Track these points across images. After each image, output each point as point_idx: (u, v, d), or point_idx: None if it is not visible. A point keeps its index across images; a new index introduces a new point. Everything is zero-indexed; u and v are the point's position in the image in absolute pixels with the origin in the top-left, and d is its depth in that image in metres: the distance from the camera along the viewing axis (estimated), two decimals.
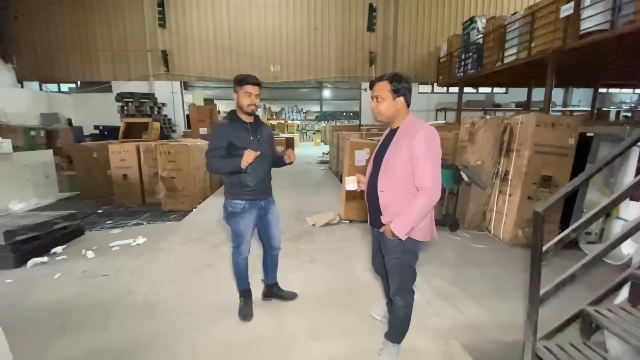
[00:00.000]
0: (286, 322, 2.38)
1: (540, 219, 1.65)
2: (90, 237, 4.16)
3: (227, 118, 2.29)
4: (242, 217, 2.29)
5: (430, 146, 1.65)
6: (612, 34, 5.04)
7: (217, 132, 2.22)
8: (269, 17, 12.63)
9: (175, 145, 5.48)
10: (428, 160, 1.64)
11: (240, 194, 2.25)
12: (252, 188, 2.25)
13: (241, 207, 2.26)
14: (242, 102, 2.19)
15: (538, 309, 1.72)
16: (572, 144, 3.78)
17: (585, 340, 1.82)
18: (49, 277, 3.08)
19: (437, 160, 1.68)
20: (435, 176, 1.65)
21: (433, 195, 1.66)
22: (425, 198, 1.65)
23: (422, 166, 1.64)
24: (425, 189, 1.65)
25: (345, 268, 3.23)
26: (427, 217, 1.76)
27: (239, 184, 2.24)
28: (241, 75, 2.20)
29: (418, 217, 1.67)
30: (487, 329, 2.25)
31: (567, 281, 1.74)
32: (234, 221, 2.31)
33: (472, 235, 4.17)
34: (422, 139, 1.65)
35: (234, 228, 2.33)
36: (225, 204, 2.33)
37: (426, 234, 1.80)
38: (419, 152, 1.64)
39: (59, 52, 12.22)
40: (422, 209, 1.66)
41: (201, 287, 2.86)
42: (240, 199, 2.26)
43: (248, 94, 2.17)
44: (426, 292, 2.73)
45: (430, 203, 1.67)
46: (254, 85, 2.17)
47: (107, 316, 2.44)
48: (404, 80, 1.74)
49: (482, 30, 8.98)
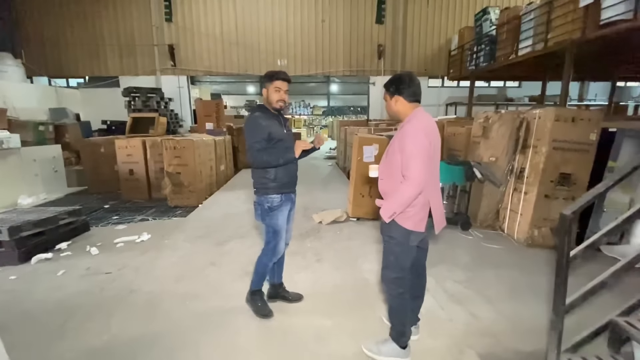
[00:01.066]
0: (292, 323, 2.29)
1: (569, 222, 1.52)
2: (95, 233, 4.14)
3: (259, 111, 2.24)
4: (281, 211, 2.28)
5: (414, 138, 1.73)
6: (636, 23, 4.78)
7: (257, 125, 2.17)
8: (276, 10, 12.44)
9: (181, 141, 5.42)
10: (412, 151, 1.72)
11: (275, 187, 2.24)
12: (286, 180, 2.27)
13: (279, 201, 2.26)
14: (272, 97, 2.20)
15: (563, 319, 1.60)
16: (594, 140, 3.59)
17: (613, 353, 1.69)
18: (53, 273, 3.05)
19: (422, 152, 1.72)
20: (418, 167, 1.71)
21: (415, 185, 1.71)
22: (408, 187, 1.72)
23: (407, 156, 1.73)
24: (407, 178, 1.73)
25: (353, 268, 3.12)
26: (419, 207, 1.80)
27: (275, 178, 2.22)
28: (271, 71, 2.23)
29: (400, 204, 1.75)
30: (504, 337, 2.13)
31: (597, 289, 1.61)
32: (273, 216, 2.26)
33: (485, 234, 4.02)
34: (407, 131, 1.77)
35: (274, 224, 2.28)
36: (259, 201, 2.27)
37: (417, 225, 1.82)
38: (404, 143, 1.75)
39: (68, 48, 12.27)
40: (403, 196, 1.73)
41: (205, 286, 2.79)
42: (277, 193, 2.25)
43: (277, 89, 2.19)
44: (439, 296, 2.61)
45: (413, 192, 1.72)
46: (283, 81, 2.21)
47: (109, 316, 2.39)
48: (395, 81, 1.87)
49: (495, 21, 8.68)
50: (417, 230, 1.82)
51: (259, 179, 2.25)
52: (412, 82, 1.84)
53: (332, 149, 12.45)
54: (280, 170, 2.22)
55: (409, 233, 1.81)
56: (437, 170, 1.91)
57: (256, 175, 2.26)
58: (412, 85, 1.83)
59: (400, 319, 1.92)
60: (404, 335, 1.93)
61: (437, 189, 1.92)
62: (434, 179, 1.86)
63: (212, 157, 6.51)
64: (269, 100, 2.22)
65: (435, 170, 1.89)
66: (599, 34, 5.33)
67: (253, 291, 2.44)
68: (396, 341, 1.92)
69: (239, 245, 3.68)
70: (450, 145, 5.17)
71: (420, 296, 2.11)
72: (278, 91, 2.19)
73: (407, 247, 1.85)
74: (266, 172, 2.21)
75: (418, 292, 2.09)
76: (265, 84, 2.22)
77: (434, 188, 1.86)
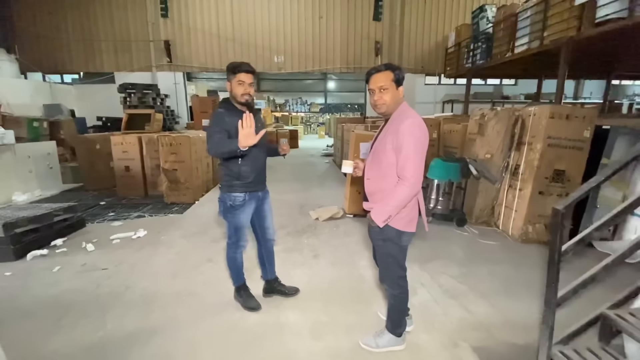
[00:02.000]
0: (288, 319, 2.30)
1: (560, 217, 1.54)
2: (91, 230, 4.12)
3: (222, 107, 2.13)
4: (243, 210, 2.22)
5: (413, 137, 1.64)
6: (631, 22, 4.81)
7: (215, 122, 2.07)
8: (273, 6, 12.37)
9: (177, 137, 5.39)
10: (410, 151, 1.64)
11: (239, 186, 2.17)
12: (251, 179, 2.19)
13: (241, 200, 2.19)
14: (236, 91, 2.07)
15: (555, 313, 1.62)
16: (588, 137, 3.62)
17: (604, 345, 1.72)
18: (48, 270, 3.04)
19: (420, 151, 1.67)
20: (416, 167, 1.65)
21: (413, 186, 1.65)
22: (405, 188, 1.65)
23: (405, 156, 1.65)
24: (405, 178, 1.65)
25: (350, 264, 3.14)
26: (410, 207, 1.76)
27: (239, 176, 2.15)
28: (234, 63, 2.07)
29: (396, 206, 1.68)
30: (497, 330, 2.16)
31: (587, 283, 1.63)
32: (234, 215, 2.22)
33: (480, 230, 4.05)
34: (406, 129, 1.65)
35: (234, 222, 2.24)
36: (222, 198, 2.23)
37: (408, 225, 1.78)
38: (402, 142, 1.65)
39: (62, 43, 12.12)
40: (401, 198, 1.66)
41: (201, 282, 2.79)
42: (240, 192, 2.18)
43: (241, 82, 2.05)
44: (433, 291, 2.63)
45: (410, 193, 1.66)
46: (247, 73, 2.05)
47: (105, 312, 2.39)
48: (402, 73, 1.75)
49: (492, 19, 8.69)
50: (409, 231, 1.80)
51: (224, 175, 2.19)
52: None
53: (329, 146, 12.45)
54: (245, 167, 2.14)
55: (401, 234, 1.78)
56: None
57: (221, 171, 2.21)
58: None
59: (401, 314, 1.98)
60: (401, 326, 1.98)
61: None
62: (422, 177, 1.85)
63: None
64: (233, 95, 2.10)
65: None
66: (595, 32, 5.36)
67: (236, 288, 2.47)
68: (393, 332, 1.98)
69: None
70: (447, 143, 5.19)
71: None
72: (242, 84, 2.05)
73: (400, 247, 1.83)
74: (230, 169, 2.14)
75: None
76: (228, 77, 2.08)
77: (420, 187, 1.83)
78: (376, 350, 1.97)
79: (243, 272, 2.46)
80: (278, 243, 3.60)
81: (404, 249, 1.86)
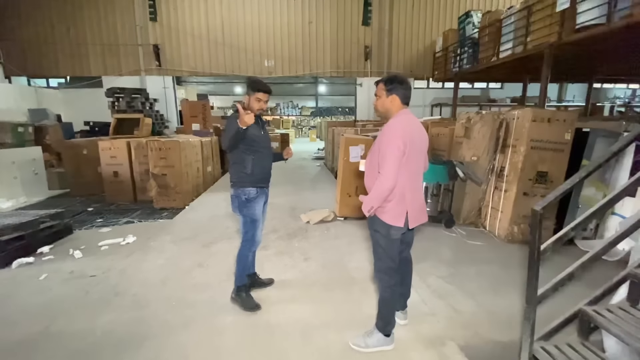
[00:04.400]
0: (279, 321, 2.32)
1: (539, 217, 1.61)
2: (78, 236, 4.06)
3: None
4: (257, 202, 2.42)
5: (390, 138, 1.86)
6: (609, 28, 5.01)
7: (230, 123, 2.29)
8: (263, 11, 12.41)
9: (167, 142, 5.37)
10: (387, 152, 1.85)
11: (251, 181, 2.38)
12: (261, 176, 2.42)
13: (255, 193, 2.40)
14: (253, 105, 2.35)
15: (536, 310, 1.68)
16: (569, 140, 3.75)
17: (583, 341, 1.79)
18: (35, 278, 2.99)
19: (394, 151, 1.83)
20: (389, 165, 1.83)
21: (387, 180, 1.84)
22: (380, 182, 1.87)
23: (382, 155, 1.87)
24: (381, 174, 1.87)
25: (340, 266, 3.17)
26: (396, 202, 1.90)
27: (251, 173, 2.36)
28: (255, 81, 2.39)
29: (375, 198, 1.88)
30: (483, 329, 2.22)
31: (565, 280, 1.70)
32: (250, 207, 2.40)
33: (468, 231, 4.14)
34: (386, 134, 1.90)
35: (251, 214, 2.41)
36: (236, 194, 2.40)
37: (395, 219, 1.91)
38: (381, 142, 1.90)
39: (48, 47, 11.91)
40: (379, 191, 1.87)
41: (192, 287, 2.79)
42: (252, 186, 2.39)
43: (259, 99, 2.35)
44: (422, 291, 2.69)
45: (384, 186, 1.85)
46: (265, 93, 2.36)
47: (94, 319, 2.36)
48: (396, 81, 1.97)
49: (477, 24, 8.91)
50: (396, 225, 1.91)
51: (237, 173, 2.40)
52: (408, 85, 1.98)
53: (320, 150, 12.50)
54: (256, 165, 2.37)
55: (389, 227, 1.92)
56: (417, 169, 1.97)
57: (234, 169, 2.41)
58: (408, 88, 1.98)
59: (390, 308, 2.05)
60: (390, 324, 2.04)
61: (417, 186, 2.00)
62: (412, 177, 1.93)
63: (199, 159, 6.47)
64: (249, 107, 2.35)
65: (415, 169, 1.95)
66: (575, 38, 5.56)
67: (238, 287, 2.52)
68: (382, 330, 2.03)
69: (226, 246, 3.69)
70: (435, 145, 5.29)
71: (407, 283, 2.26)
72: (259, 101, 2.35)
73: (389, 239, 1.95)
74: (242, 166, 2.35)
75: (405, 279, 2.24)
76: (248, 92, 2.37)
77: (411, 185, 1.93)
78: (365, 351, 2.01)
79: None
80: (269, 247, 3.63)
81: (393, 241, 1.97)
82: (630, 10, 4.74)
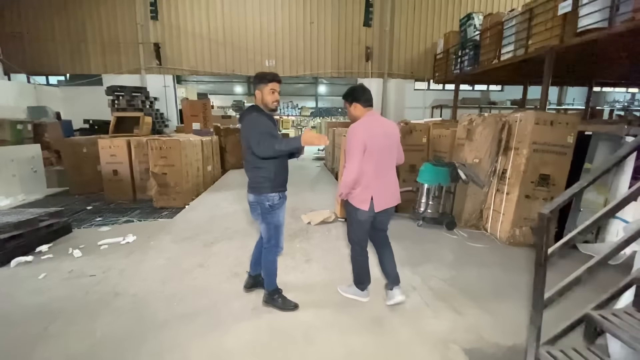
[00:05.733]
0: (281, 324, 2.30)
1: (546, 220, 1.59)
2: (78, 235, 4.03)
3: (257, 112, 2.25)
4: (280, 208, 2.36)
5: (351, 138, 2.24)
6: (611, 31, 5.01)
7: (260, 123, 2.18)
8: (264, 10, 12.39)
9: (167, 141, 5.34)
10: (348, 148, 2.25)
11: (273, 186, 2.29)
12: (282, 179, 2.35)
13: (279, 199, 2.33)
14: (267, 98, 2.24)
15: (542, 314, 1.67)
16: (571, 143, 3.74)
17: (588, 345, 1.77)
18: (34, 277, 2.96)
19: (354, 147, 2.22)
20: (350, 160, 2.23)
21: (349, 172, 2.24)
22: (344, 175, 2.28)
23: (347, 152, 2.28)
24: (345, 168, 2.29)
25: (342, 268, 3.15)
26: (360, 190, 2.28)
27: (275, 177, 2.28)
28: (263, 73, 2.26)
29: (343, 187, 2.32)
30: (487, 332, 2.20)
31: (572, 285, 1.68)
32: (274, 214, 2.33)
33: (469, 234, 4.13)
34: (349, 132, 2.31)
35: (274, 221, 2.34)
36: (259, 200, 2.29)
37: (361, 204, 2.30)
38: (346, 142, 2.34)
39: (48, 44, 11.84)
40: (344, 180, 2.29)
41: (192, 288, 2.76)
42: (277, 191, 2.31)
43: (273, 90, 2.24)
44: (424, 294, 2.67)
45: (348, 177, 2.25)
46: (279, 83, 2.27)
47: (93, 320, 2.34)
48: (352, 91, 2.37)
49: (479, 27, 8.92)
50: (361, 209, 2.30)
51: (257, 177, 2.26)
52: (365, 91, 2.34)
53: (320, 150, 12.49)
54: (279, 168, 2.29)
55: (356, 210, 2.32)
56: (384, 161, 2.30)
57: (256, 174, 2.27)
58: (365, 93, 2.34)
59: (357, 272, 2.54)
60: (362, 284, 2.55)
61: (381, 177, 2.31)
62: (378, 168, 2.27)
63: (199, 158, 6.44)
64: (264, 102, 2.25)
65: (381, 161, 2.28)
66: (576, 42, 5.56)
67: (270, 291, 2.47)
68: (357, 285, 2.56)
69: (226, 246, 3.66)
70: (436, 147, 5.28)
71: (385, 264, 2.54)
72: (273, 92, 2.24)
73: (357, 220, 2.36)
74: (266, 170, 2.24)
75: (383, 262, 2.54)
76: (258, 86, 2.24)
77: (377, 175, 2.27)
78: (343, 294, 2.61)
79: None
80: None
81: (361, 223, 2.36)
82: (633, 14, 4.74)
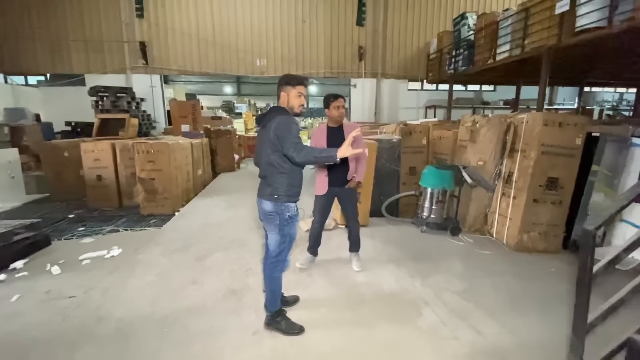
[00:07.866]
0: (286, 352, 2.07)
1: (592, 238, 1.42)
2: (57, 248, 3.70)
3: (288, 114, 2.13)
4: (297, 219, 2.21)
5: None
6: (609, 31, 4.95)
7: (296, 126, 2.07)
8: (255, 8, 12.08)
9: (155, 144, 5.04)
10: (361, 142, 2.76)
11: (295, 195, 2.17)
12: (300, 189, 2.21)
13: (296, 210, 2.19)
14: (294, 102, 2.13)
15: (584, 341, 1.50)
16: (580, 145, 3.62)
17: None
18: (6, 299, 2.65)
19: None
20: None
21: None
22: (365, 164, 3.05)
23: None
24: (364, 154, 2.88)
25: (348, 282, 2.94)
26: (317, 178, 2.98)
27: (297, 185, 2.17)
28: (291, 75, 2.17)
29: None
30: (511, 354, 2.02)
31: (617, 307, 1.52)
32: (292, 226, 2.17)
33: (475, 239, 3.97)
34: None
35: (292, 233, 2.17)
36: (280, 210, 2.10)
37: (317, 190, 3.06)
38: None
39: (26, 42, 11.27)
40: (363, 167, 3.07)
41: (185, 310, 2.49)
42: (293, 201, 2.18)
43: (300, 94, 2.14)
44: (439, 310, 2.48)
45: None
46: (305, 87, 2.17)
47: (72, 350, 2.06)
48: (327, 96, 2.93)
49: (473, 26, 8.83)
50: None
51: (283, 185, 2.09)
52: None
53: None
54: (300, 177, 2.19)
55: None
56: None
57: (282, 181, 2.09)
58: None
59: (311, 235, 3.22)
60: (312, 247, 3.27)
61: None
62: None
63: (189, 162, 6.14)
64: (290, 105, 2.14)
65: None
66: (575, 41, 5.49)
67: (275, 312, 2.23)
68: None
69: (221, 258, 3.41)
70: (437, 149, 5.12)
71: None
72: (300, 96, 2.14)
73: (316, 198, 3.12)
74: (295, 179, 2.13)
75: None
76: (285, 88, 2.13)
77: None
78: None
79: None
80: None
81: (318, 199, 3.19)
82: (632, 13, 4.68)
